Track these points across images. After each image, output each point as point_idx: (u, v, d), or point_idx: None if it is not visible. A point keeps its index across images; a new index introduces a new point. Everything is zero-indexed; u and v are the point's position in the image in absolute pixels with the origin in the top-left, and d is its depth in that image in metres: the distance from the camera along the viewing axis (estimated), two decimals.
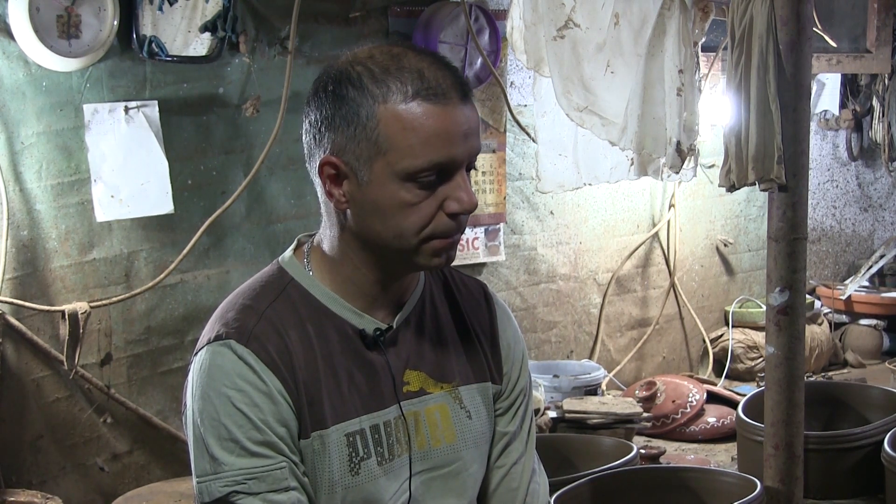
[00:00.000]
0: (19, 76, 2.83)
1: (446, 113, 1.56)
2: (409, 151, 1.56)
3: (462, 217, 1.61)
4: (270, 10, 3.27)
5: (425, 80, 1.57)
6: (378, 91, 1.57)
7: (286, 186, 3.37)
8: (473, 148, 1.61)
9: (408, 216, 1.59)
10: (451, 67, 1.62)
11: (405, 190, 1.58)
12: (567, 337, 4.31)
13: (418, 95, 1.56)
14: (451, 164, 1.58)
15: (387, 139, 1.56)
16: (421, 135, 1.56)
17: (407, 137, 1.56)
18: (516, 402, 1.85)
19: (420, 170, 1.56)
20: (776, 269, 2.93)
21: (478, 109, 1.63)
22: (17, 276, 2.88)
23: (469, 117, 1.59)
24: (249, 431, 1.57)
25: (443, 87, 1.57)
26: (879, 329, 4.87)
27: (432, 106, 1.56)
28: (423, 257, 1.63)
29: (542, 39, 3.55)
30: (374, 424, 1.67)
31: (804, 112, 2.92)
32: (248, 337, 1.60)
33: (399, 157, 1.56)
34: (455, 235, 1.63)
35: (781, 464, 2.96)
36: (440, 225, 1.60)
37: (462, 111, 1.58)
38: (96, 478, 3.08)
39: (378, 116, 1.56)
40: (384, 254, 1.64)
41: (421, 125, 1.56)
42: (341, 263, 1.68)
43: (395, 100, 1.56)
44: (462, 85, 1.60)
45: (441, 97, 1.56)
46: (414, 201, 1.58)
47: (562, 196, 4.16)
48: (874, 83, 5.17)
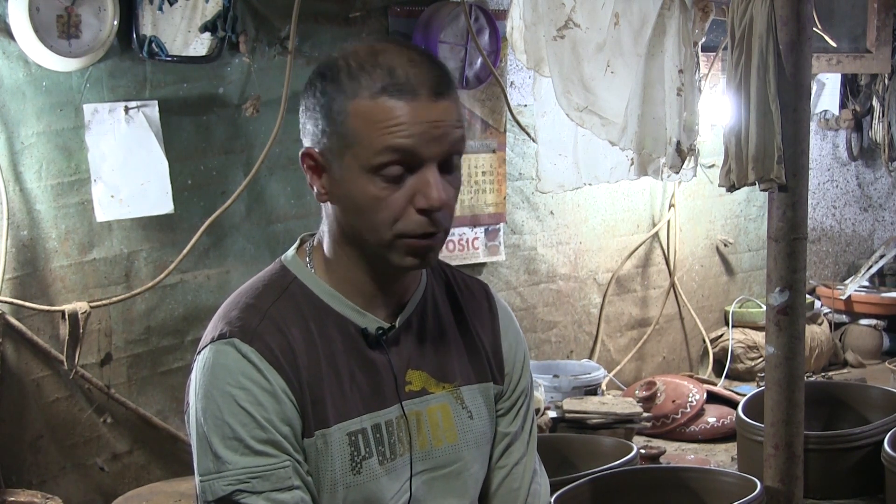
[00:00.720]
0: (19, 76, 2.83)
1: (411, 108, 1.55)
2: (370, 144, 1.56)
3: (437, 215, 1.59)
4: (270, 10, 3.27)
5: (394, 76, 1.56)
6: (349, 86, 1.57)
7: (286, 186, 3.37)
8: (444, 144, 1.58)
9: (378, 210, 1.58)
10: (433, 64, 1.60)
11: (372, 184, 1.57)
12: (567, 337, 4.31)
13: (385, 91, 1.56)
14: (415, 157, 1.57)
15: (353, 133, 1.57)
16: (382, 127, 1.55)
17: (370, 131, 1.56)
18: (518, 402, 1.85)
19: (382, 162, 1.56)
20: (776, 269, 2.93)
21: (476, 111, 1.61)
22: (17, 276, 2.88)
23: (440, 113, 1.57)
24: (253, 430, 1.57)
25: (412, 84, 1.56)
26: (879, 329, 4.87)
27: (397, 101, 1.55)
28: (397, 255, 1.61)
29: (542, 39, 3.55)
30: (375, 424, 1.67)
31: (804, 112, 2.92)
32: (251, 335, 1.60)
33: (363, 150, 1.57)
34: (431, 238, 1.61)
35: (781, 464, 2.96)
36: (410, 221, 1.58)
37: (431, 107, 1.57)
38: (96, 478, 3.08)
39: (347, 111, 1.57)
40: (366, 250, 1.64)
41: (384, 118, 1.55)
42: (337, 261, 1.68)
43: (364, 95, 1.57)
44: (437, 82, 1.58)
45: (408, 93, 1.56)
46: (382, 195, 1.57)
47: (562, 196, 4.16)
48: (874, 83, 5.17)
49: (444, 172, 1.60)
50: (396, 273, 1.68)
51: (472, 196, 3.89)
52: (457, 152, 1.61)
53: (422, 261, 1.63)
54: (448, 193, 1.60)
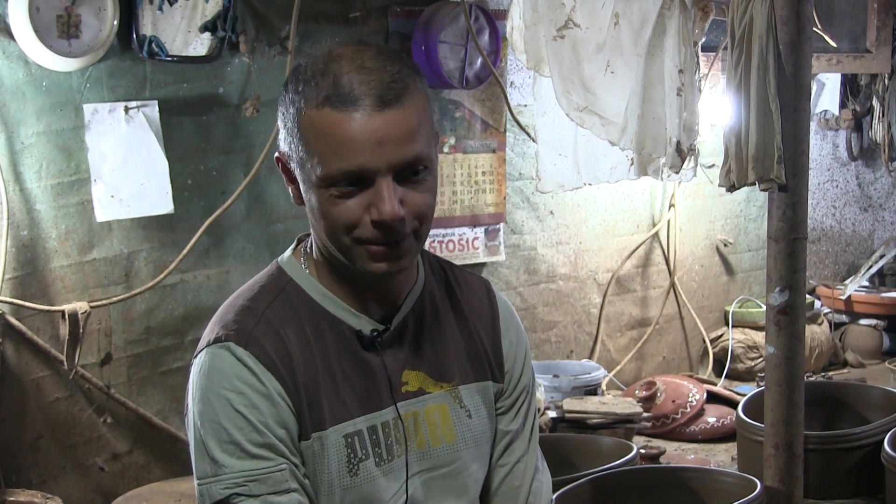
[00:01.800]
0: (19, 76, 2.83)
1: (352, 121, 1.53)
2: (321, 159, 1.55)
3: (393, 226, 1.55)
4: (270, 10, 3.27)
5: (338, 87, 1.54)
6: (301, 96, 1.57)
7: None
8: (394, 157, 1.54)
9: (333, 218, 1.57)
10: (385, 71, 1.55)
11: (325, 195, 1.57)
12: (567, 337, 4.31)
13: (327, 102, 1.54)
14: (364, 173, 1.54)
15: (305, 144, 1.57)
16: (329, 143, 1.54)
17: (318, 145, 1.55)
18: (518, 400, 1.84)
19: (332, 178, 1.55)
20: (776, 269, 2.93)
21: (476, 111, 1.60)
22: (17, 276, 2.88)
23: (385, 125, 1.53)
24: (249, 433, 1.57)
25: (354, 95, 1.53)
26: (879, 329, 4.87)
27: (338, 114, 1.53)
28: (362, 262, 1.60)
29: (542, 39, 3.55)
30: (371, 425, 1.67)
31: (804, 112, 2.92)
32: (247, 339, 1.60)
33: (314, 165, 1.56)
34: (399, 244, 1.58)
35: (781, 464, 2.96)
36: (366, 231, 1.57)
37: (375, 117, 1.53)
38: (96, 478, 3.08)
39: (300, 121, 1.57)
40: (336, 255, 1.63)
41: (329, 133, 1.54)
42: (324, 263, 1.69)
43: (311, 105, 1.56)
44: (385, 91, 1.53)
45: (349, 105, 1.53)
46: (337, 204, 1.56)
47: (562, 196, 4.16)
48: (874, 83, 5.17)
49: (407, 180, 1.57)
50: (364, 276, 1.64)
51: (472, 196, 3.89)
52: (413, 163, 1.57)
53: (390, 264, 1.60)
54: (415, 201, 1.57)
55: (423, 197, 1.59)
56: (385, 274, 1.61)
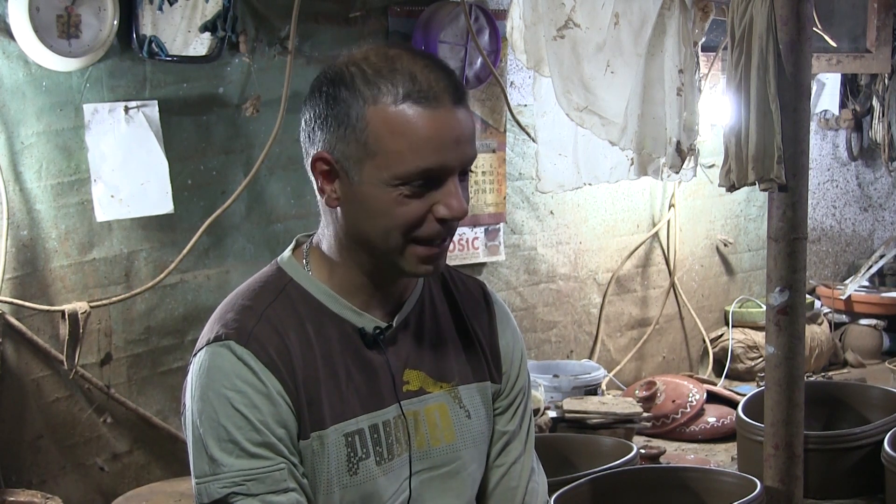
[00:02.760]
0: (19, 76, 2.83)
1: (437, 117, 1.54)
2: (397, 157, 1.54)
3: (451, 223, 1.60)
4: (270, 10, 3.27)
5: (417, 83, 1.54)
6: (369, 92, 1.55)
7: (286, 186, 3.37)
8: (466, 154, 1.58)
9: (396, 218, 1.57)
10: (447, 70, 1.59)
11: (396, 192, 1.56)
12: (567, 337, 4.31)
13: (409, 98, 1.54)
14: (442, 171, 1.56)
15: (376, 142, 1.55)
16: (410, 139, 1.54)
17: (396, 142, 1.54)
18: (515, 401, 1.85)
19: (409, 176, 1.55)
20: (776, 269, 2.93)
21: (476, 111, 1.61)
22: (17, 276, 2.88)
23: (462, 122, 1.57)
24: (248, 433, 1.57)
25: (435, 91, 1.54)
26: (879, 329, 4.87)
27: (422, 109, 1.54)
28: (409, 263, 1.61)
29: (542, 39, 3.55)
30: (373, 424, 1.67)
31: (804, 112, 2.92)
32: (247, 338, 1.60)
33: (388, 162, 1.55)
34: (443, 244, 1.62)
35: (781, 464, 2.96)
36: (428, 229, 1.58)
37: (454, 116, 1.56)
38: (96, 478, 3.08)
39: (367, 118, 1.55)
40: (374, 255, 1.64)
41: (410, 129, 1.54)
42: (338, 263, 1.68)
43: (385, 101, 1.54)
44: (456, 89, 1.57)
45: (432, 100, 1.54)
46: (403, 203, 1.57)
47: (562, 196, 4.16)
48: (874, 83, 5.17)
49: (461, 178, 1.61)
50: (394, 278, 1.68)
51: (472, 196, 3.89)
52: (472, 160, 1.62)
53: (435, 267, 1.63)
54: (466, 200, 1.61)
55: (468, 196, 1.64)
56: (427, 275, 1.66)
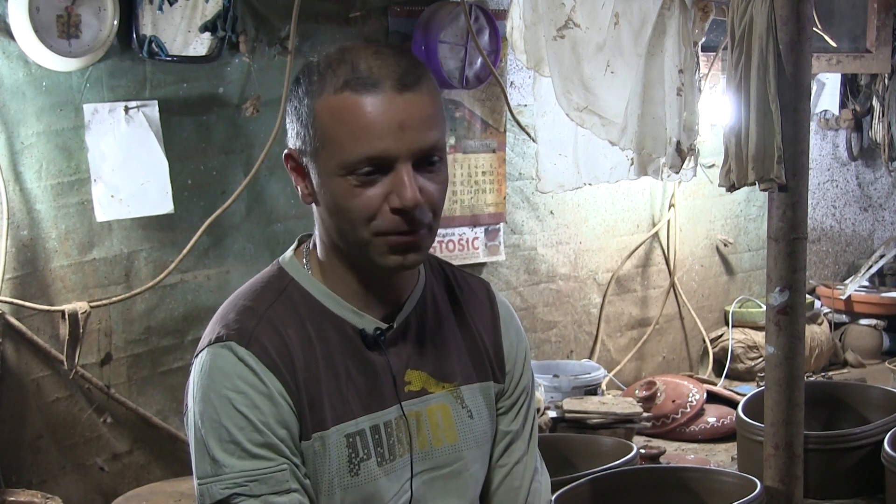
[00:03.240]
0: (19, 76, 2.83)
1: (375, 102, 1.53)
2: (340, 144, 1.54)
3: (414, 214, 1.56)
4: (270, 10, 3.27)
5: (356, 71, 1.54)
6: (317, 86, 1.56)
7: (286, 186, 3.37)
8: (415, 141, 1.55)
9: (352, 209, 1.57)
10: (401, 57, 1.57)
11: (346, 183, 1.56)
12: (567, 337, 4.31)
13: (347, 86, 1.54)
14: (386, 158, 1.54)
15: (323, 133, 1.56)
16: (350, 127, 1.54)
17: (337, 130, 1.55)
18: (518, 401, 1.84)
19: (353, 164, 1.54)
20: (776, 269, 2.93)
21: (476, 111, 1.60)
22: (17, 276, 2.88)
23: (408, 107, 1.54)
24: (250, 433, 1.57)
25: (375, 77, 1.53)
26: (879, 329, 4.87)
27: (359, 96, 1.53)
28: (378, 255, 1.59)
29: (542, 39, 3.55)
30: (374, 425, 1.67)
31: (804, 112, 2.92)
32: (248, 338, 1.60)
33: (333, 151, 1.55)
34: (411, 234, 1.58)
35: (781, 464, 2.96)
36: (386, 220, 1.56)
37: (396, 99, 1.53)
38: (96, 478, 3.08)
39: (316, 110, 1.56)
40: (350, 251, 1.63)
41: (348, 116, 1.53)
42: (331, 263, 1.68)
43: (328, 92, 1.55)
44: (403, 73, 1.54)
45: (370, 87, 1.53)
46: (356, 194, 1.56)
47: (562, 196, 4.16)
48: (874, 83, 5.17)
49: (423, 169, 1.58)
50: (386, 273, 1.66)
51: (472, 196, 3.89)
52: (431, 150, 1.58)
53: (404, 258, 1.60)
54: (430, 190, 1.58)
55: (438, 188, 1.60)
56: (400, 267, 1.61)
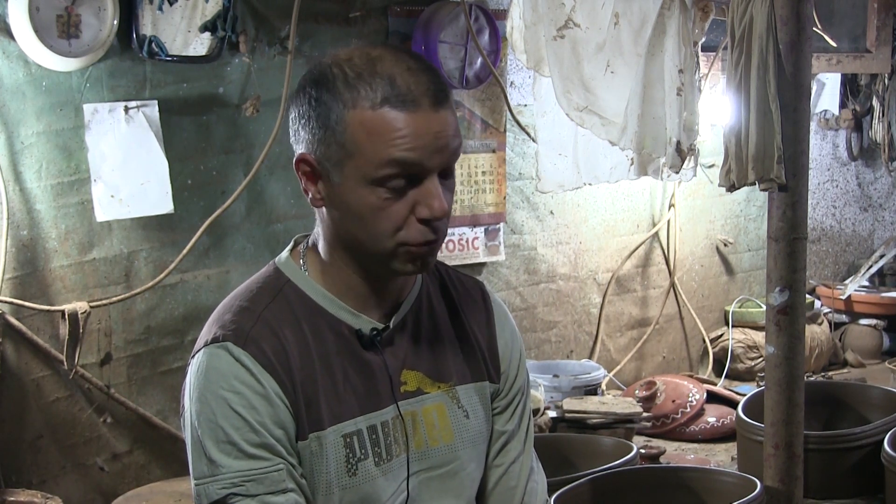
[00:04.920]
0: (19, 76, 2.83)
1: (413, 119, 1.55)
2: (374, 156, 1.56)
3: (436, 223, 1.60)
4: (270, 9, 3.27)
5: (395, 87, 1.56)
6: (349, 96, 1.57)
7: (286, 186, 3.37)
8: (445, 154, 1.59)
9: (380, 220, 1.59)
10: (430, 72, 1.60)
11: (375, 195, 1.57)
12: (567, 337, 4.31)
13: (387, 102, 1.55)
14: (419, 169, 1.57)
15: (354, 144, 1.57)
16: (387, 140, 1.55)
17: (373, 143, 1.56)
18: (514, 400, 1.85)
19: (386, 175, 1.56)
20: (776, 268, 2.93)
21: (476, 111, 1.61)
22: (17, 276, 2.88)
23: (441, 123, 1.57)
24: (246, 434, 1.57)
25: (413, 94, 1.56)
26: (879, 329, 4.87)
27: (399, 113, 1.55)
28: (399, 263, 1.62)
29: (542, 39, 3.55)
30: (371, 425, 1.67)
31: (804, 112, 2.92)
32: (244, 339, 1.60)
33: (366, 162, 1.56)
34: (431, 243, 1.62)
35: (781, 464, 2.96)
36: (412, 230, 1.59)
37: (432, 117, 1.56)
38: (96, 478, 3.08)
39: (347, 121, 1.57)
40: (364, 256, 1.64)
41: (386, 130, 1.55)
42: (332, 264, 1.69)
43: (364, 105, 1.56)
44: (437, 91, 1.58)
45: (410, 104, 1.55)
46: (384, 206, 1.58)
47: (562, 196, 4.16)
48: (874, 83, 5.17)
49: (443, 179, 1.61)
50: (393, 277, 1.68)
51: (472, 196, 3.89)
52: (455, 160, 1.63)
53: (423, 266, 1.64)
54: (448, 201, 1.61)
55: (451, 196, 1.64)
56: (415, 273, 1.66)
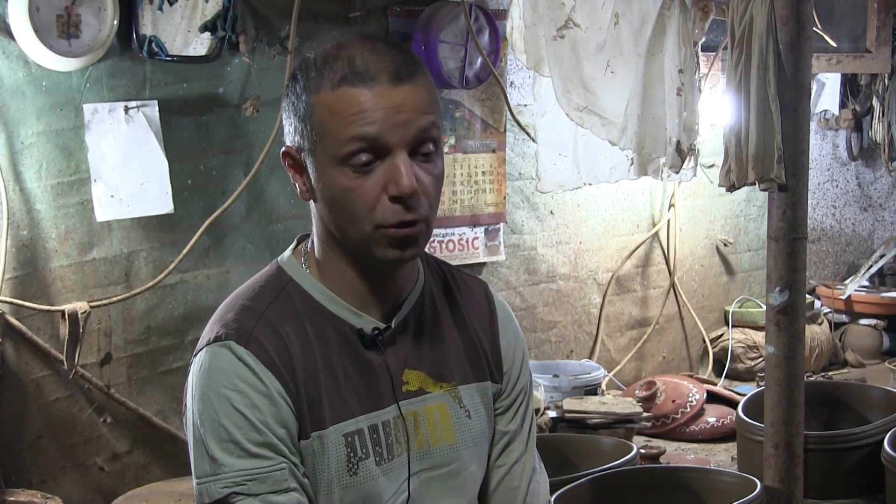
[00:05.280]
0: (19, 76, 2.83)
1: (371, 94, 1.56)
2: (336, 135, 1.57)
3: (411, 202, 1.58)
4: (270, 9, 3.27)
5: (353, 66, 1.57)
6: (314, 82, 1.59)
7: (286, 186, 3.37)
8: (410, 129, 1.58)
9: (353, 201, 1.59)
10: (394, 52, 1.60)
11: (343, 174, 1.58)
12: (567, 337, 4.31)
13: (344, 81, 1.57)
14: (381, 144, 1.57)
15: (321, 126, 1.59)
16: (344, 116, 1.56)
17: (334, 122, 1.57)
18: (517, 401, 1.85)
19: (349, 152, 1.57)
20: (776, 268, 2.93)
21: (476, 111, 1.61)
22: (17, 276, 2.88)
23: (402, 98, 1.57)
24: (249, 433, 1.57)
25: (371, 71, 1.57)
26: (879, 329, 4.87)
27: (356, 90, 1.56)
28: (379, 248, 1.61)
29: (542, 39, 3.55)
30: (372, 424, 1.67)
31: (804, 112, 2.92)
32: (247, 338, 1.60)
33: (330, 142, 1.58)
34: (410, 226, 1.60)
35: (781, 464, 2.96)
36: (385, 210, 1.58)
37: (392, 92, 1.57)
38: (96, 478, 3.08)
39: (313, 106, 1.59)
40: (350, 246, 1.64)
41: (345, 108, 1.57)
42: (328, 262, 1.69)
43: (325, 88, 1.58)
44: (399, 67, 1.58)
45: (367, 80, 1.56)
46: (354, 185, 1.58)
47: (562, 196, 4.16)
48: (874, 83, 5.17)
49: (419, 159, 1.60)
50: (385, 270, 1.67)
51: (472, 196, 3.89)
52: (428, 138, 1.60)
53: (403, 251, 1.62)
54: (425, 181, 1.60)
55: (433, 180, 1.62)
56: (399, 261, 1.63)
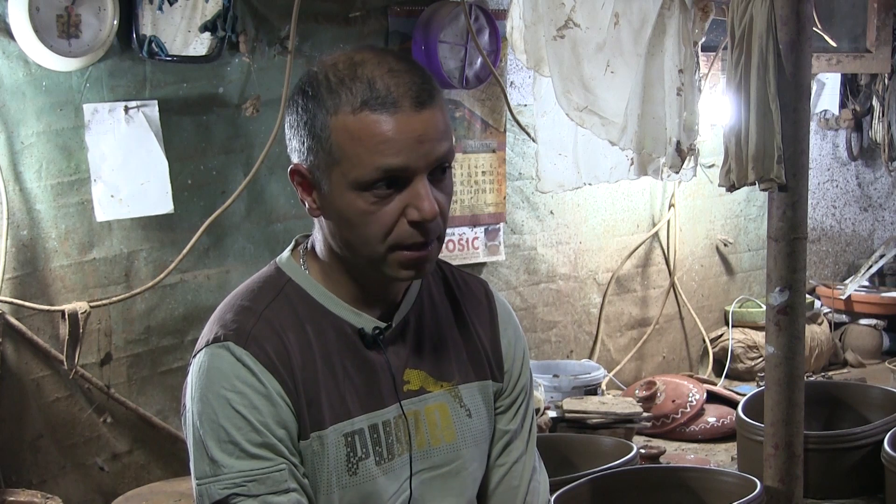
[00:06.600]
0: (19, 76, 2.83)
1: (394, 121, 1.55)
2: (358, 161, 1.55)
3: (428, 226, 1.58)
4: (270, 9, 3.27)
5: (374, 90, 1.55)
6: (331, 102, 1.57)
7: (286, 186, 3.37)
8: (431, 154, 1.57)
9: (369, 224, 1.58)
10: (413, 73, 1.59)
11: (362, 199, 1.57)
12: (567, 337, 4.31)
13: (366, 106, 1.55)
14: (404, 172, 1.56)
15: (339, 150, 1.57)
16: (368, 144, 1.55)
17: (355, 147, 1.55)
18: (517, 400, 1.85)
19: (371, 179, 1.56)
20: (776, 268, 2.93)
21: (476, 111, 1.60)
22: (17, 276, 2.88)
23: (424, 123, 1.56)
24: (248, 433, 1.57)
25: (393, 97, 1.55)
26: (879, 329, 4.87)
27: (379, 115, 1.55)
28: (392, 268, 1.61)
29: (542, 39, 3.55)
30: (372, 424, 1.67)
31: (804, 112, 2.92)
32: (246, 338, 1.60)
33: (350, 168, 1.56)
34: (424, 249, 1.60)
35: (781, 463, 2.96)
36: (403, 233, 1.58)
37: (414, 119, 1.55)
38: (96, 478, 3.08)
39: (331, 128, 1.57)
40: (360, 263, 1.64)
41: (367, 134, 1.55)
42: (331, 267, 1.69)
43: (345, 111, 1.56)
44: (419, 91, 1.57)
45: (390, 106, 1.55)
46: (372, 210, 1.57)
47: (562, 196, 4.16)
48: (874, 83, 5.17)
49: (434, 180, 1.60)
50: (383, 283, 1.68)
51: (472, 196, 3.89)
52: (445, 162, 1.61)
53: (417, 272, 1.63)
54: (441, 200, 1.60)
55: (446, 198, 1.63)
56: (411, 279, 1.64)
